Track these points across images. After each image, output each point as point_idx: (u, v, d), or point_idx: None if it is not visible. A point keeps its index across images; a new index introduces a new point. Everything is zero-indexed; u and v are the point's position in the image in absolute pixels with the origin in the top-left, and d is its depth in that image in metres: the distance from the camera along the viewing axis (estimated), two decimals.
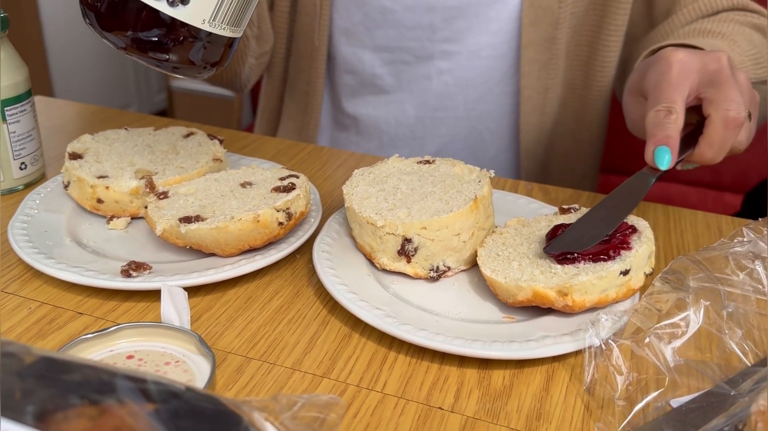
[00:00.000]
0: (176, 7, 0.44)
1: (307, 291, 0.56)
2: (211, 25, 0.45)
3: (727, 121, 0.56)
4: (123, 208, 0.61)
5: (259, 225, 0.54)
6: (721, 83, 0.58)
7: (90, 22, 0.46)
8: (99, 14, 0.45)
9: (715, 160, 0.59)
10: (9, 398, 0.29)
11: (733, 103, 0.56)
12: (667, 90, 0.58)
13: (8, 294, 0.54)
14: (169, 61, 0.46)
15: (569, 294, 0.48)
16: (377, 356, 0.49)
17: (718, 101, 0.57)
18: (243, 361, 0.48)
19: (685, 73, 0.59)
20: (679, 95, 0.57)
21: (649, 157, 0.56)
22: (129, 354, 0.46)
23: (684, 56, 0.59)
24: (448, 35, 0.86)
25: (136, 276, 0.53)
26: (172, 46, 0.45)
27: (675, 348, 0.46)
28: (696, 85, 0.59)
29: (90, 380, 0.31)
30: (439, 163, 0.63)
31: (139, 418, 0.29)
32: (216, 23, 0.46)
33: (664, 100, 0.57)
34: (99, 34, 0.46)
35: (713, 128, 0.57)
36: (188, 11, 0.44)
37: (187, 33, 0.45)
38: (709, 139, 0.58)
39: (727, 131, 0.57)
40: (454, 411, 0.45)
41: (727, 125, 0.57)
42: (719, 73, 0.58)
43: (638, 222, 0.54)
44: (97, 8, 0.45)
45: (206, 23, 0.45)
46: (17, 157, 0.68)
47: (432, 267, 0.54)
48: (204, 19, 0.45)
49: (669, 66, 0.59)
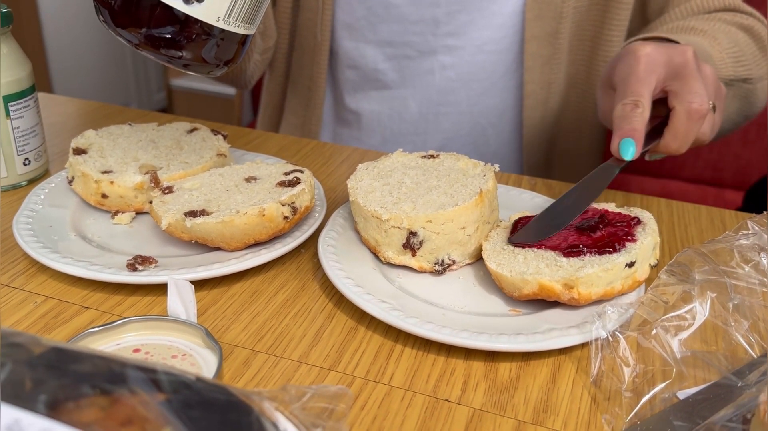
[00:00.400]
0: (191, 4, 0.43)
1: (312, 285, 0.56)
2: (226, 22, 0.45)
3: (691, 113, 0.58)
4: (127, 203, 0.61)
5: (265, 219, 0.54)
6: (685, 76, 0.59)
7: (104, 18, 0.45)
8: (113, 11, 0.45)
9: (679, 151, 0.60)
10: (20, 387, 0.29)
11: (696, 95, 0.58)
12: (635, 84, 0.59)
13: (14, 289, 0.54)
14: (181, 58, 0.46)
15: (575, 287, 0.49)
16: (383, 349, 0.49)
17: (682, 93, 0.59)
18: (250, 354, 0.48)
19: (651, 67, 0.60)
20: (646, 89, 0.59)
21: (615, 148, 0.58)
22: (135, 347, 0.46)
23: (651, 50, 0.61)
24: (452, 29, 0.86)
25: (142, 270, 0.53)
26: (185, 44, 0.45)
27: (682, 339, 0.46)
28: (662, 78, 0.60)
29: (101, 370, 0.31)
30: (444, 157, 0.63)
31: (151, 408, 0.29)
32: (230, 20, 0.45)
33: (631, 94, 0.59)
34: (112, 30, 0.46)
35: (677, 119, 0.59)
36: (203, 8, 0.44)
37: (200, 30, 0.45)
38: (674, 130, 0.59)
39: (690, 122, 0.58)
40: (462, 404, 0.45)
41: (691, 116, 0.58)
42: (684, 66, 0.60)
43: (642, 214, 0.54)
44: (110, 5, 0.44)
45: (221, 20, 0.45)
46: (21, 152, 0.68)
47: (437, 261, 0.54)
48: (219, 17, 0.45)
49: (636, 60, 0.60)
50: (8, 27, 0.66)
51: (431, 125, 0.93)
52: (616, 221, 0.54)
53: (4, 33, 0.65)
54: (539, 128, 0.91)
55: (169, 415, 0.29)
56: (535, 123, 0.91)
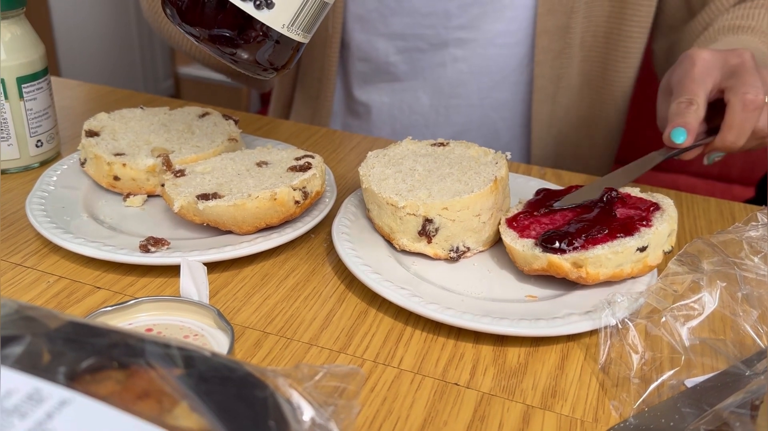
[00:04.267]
0: (261, 9, 0.45)
1: (323, 270, 0.56)
2: (289, 29, 0.47)
3: (746, 103, 0.58)
4: (139, 186, 0.62)
5: (276, 203, 0.54)
6: (742, 73, 0.60)
7: (170, 14, 0.47)
8: (180, 10, 0.46)
9: (736, 144, 0.61)
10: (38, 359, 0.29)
11: (751, 87, 0.59)
12: (690, 84, 0.61)
13: (26, 268, 0.55)
14: (236, 56, 0.47)
15: (584, 267, 0.49)
16: (393, 332, 0.49)
17: (736, 87, 0.60)
18: (261, 336, 0.49)
19: (707, 69, 0.61)
20: (701, 89, 0.60)
21: (666, 137, 0.59)
22: (148, 327, 0.47)
23: (707, 54, 0.62)
24: (464, 22, 0.86)
25: (154, 251, 0.54)
26: (244, 44, 0.46)
27: (691, 328, 0.46)
28: (718, 81, 0.62)
29: (118, 344, 0.31)
30: (454, 145, 0.63)
31: (168, 382, 0.30)
32: (293, 28, 0.47)
33: (687, 93, 0.60)
34: (178, 25, 0.47)
35: (732, 111, 0.59)
36: (272, 15, 0.45)
37: (261, 34, 0.46)
38: (729, 122, 0.60)
39: (745, 113, 0.59)
40: (470, 387, 0.45)
41: (746, 107, 0.59)
42: (740, 66, 0.61)
43: (663, 200, 0.54)
44: (178, 5, 0.46)
45: (285, 27, 0.46)
46: (33, 134, 0.68)
47: (452, 248, 0.55)
48: (284, 24, 0.46)
49: (692, 63, 0.62)
50: (22, 9, 0.66)
51: (442, 118, 0.93)
52: (638, 205, 0.54)
53: (17, 15, 0.66)
54: (547, 123, 0.91)
55: (185, 389, 0.29)
56: (543, 118, 0.90)
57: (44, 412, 0.25)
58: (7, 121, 0.66)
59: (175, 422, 0.28)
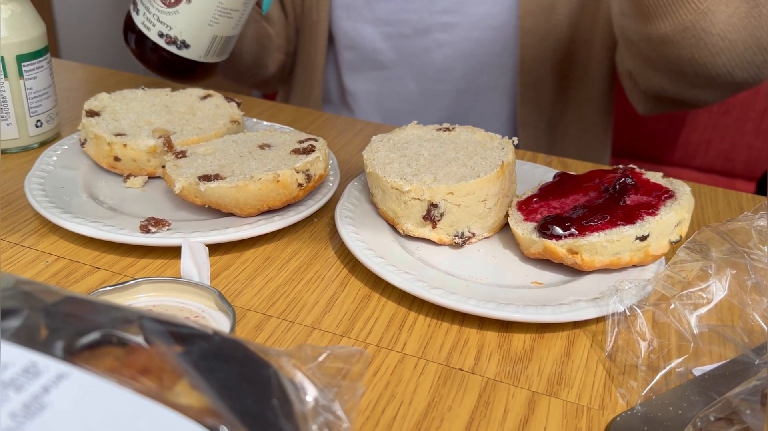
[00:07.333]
0: (182, 49, 0.69)
1: (325, 254, 0.55)
2: (206, 58, 0.72)
3: None
4: (140, 167, 0.61)
5: (279, 185, 0.54)
6: None
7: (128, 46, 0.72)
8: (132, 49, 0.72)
9: None
10: (36, 333, 0.28)
11: None
12: None
13: (25, 248, 0.54)
14: (176, 76, 0.74)
15: (579, 253, 0.49)
16: (397, 317, 0.49)
17: None
18: (262, 318, 0.48)
19: None
20: None
21: None
22: (148, 308, 0.46)
23: None
24: (447, 6, 0.86)
25: (155, 232, 0.53)
26: (179, 70, 0.72)
27: (699, 315, 0.46)
28: None
29: (117, 320, 0.30)
30: (459, 130, 0.62)
31: (168, 359, 0.29)
32: (209, 56, 0.72)
33: None
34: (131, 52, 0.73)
35: None
36: (190, 51, 0.70)
37: (189, 63, 0.71)
38: None
39: None
40: (475, 373, 0.44)
41: None
42: None
43: (680, 188, 0.53)
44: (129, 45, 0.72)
45: (202, 57, 0.71)
46: (33, 114, 0.67)
47: (457, 233, 0.54)
48: (200, 56, 0.71)
49: None
50: None
51: (430, 103, 0.93)
52: (653, 192, 0.53)
53: None
54: (536, 106, 0.90)
55: (186, 366, 0.29)
56: (530, 100, 0.90)
57: (40, 386, 0.25)
58: (6, 99, 0.65)
59: (176, 399, 0.27)
